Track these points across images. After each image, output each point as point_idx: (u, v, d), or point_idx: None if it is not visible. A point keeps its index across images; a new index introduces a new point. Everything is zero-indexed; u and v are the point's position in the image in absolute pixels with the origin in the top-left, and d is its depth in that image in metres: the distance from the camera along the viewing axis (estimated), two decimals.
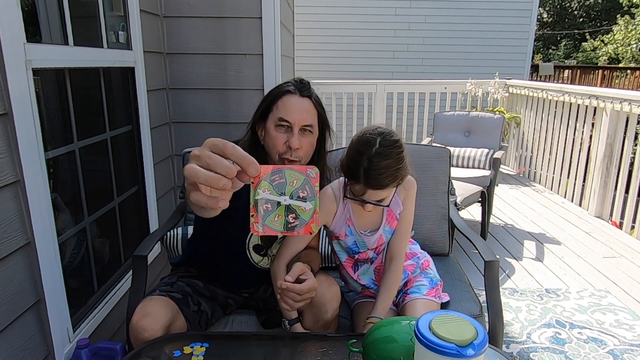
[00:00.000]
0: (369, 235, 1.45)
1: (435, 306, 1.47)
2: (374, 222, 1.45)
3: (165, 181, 2.57)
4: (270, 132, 1.32)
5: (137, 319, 1.21)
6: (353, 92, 5.17)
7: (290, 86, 1.34)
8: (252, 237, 1.43)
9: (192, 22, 2.50)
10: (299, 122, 1.30)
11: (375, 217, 1.44)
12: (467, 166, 3.71)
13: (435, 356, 0.81)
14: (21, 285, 1.34)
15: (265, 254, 1.46)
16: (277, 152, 1.31)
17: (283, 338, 1.26)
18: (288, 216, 0.62)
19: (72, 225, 1.72)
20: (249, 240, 1.43)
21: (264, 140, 1.36)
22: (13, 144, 1.29)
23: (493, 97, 5.30)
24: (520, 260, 3.05)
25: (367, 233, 1.45)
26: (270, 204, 0.61)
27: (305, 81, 1.37)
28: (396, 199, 1.43)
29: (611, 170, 3.80)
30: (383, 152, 1.26)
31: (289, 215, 0.62)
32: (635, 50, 14.54)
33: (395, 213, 1.45)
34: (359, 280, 1.53)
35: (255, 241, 1.44)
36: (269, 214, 0.62)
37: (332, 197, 1.43)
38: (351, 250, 1.49)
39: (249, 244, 1.44)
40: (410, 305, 1.47)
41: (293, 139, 1.29)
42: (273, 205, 0.62)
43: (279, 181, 0.62)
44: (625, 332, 2.22)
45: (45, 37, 1.59)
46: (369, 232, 1.45)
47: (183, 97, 2.60)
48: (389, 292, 1.42)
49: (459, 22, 7.13)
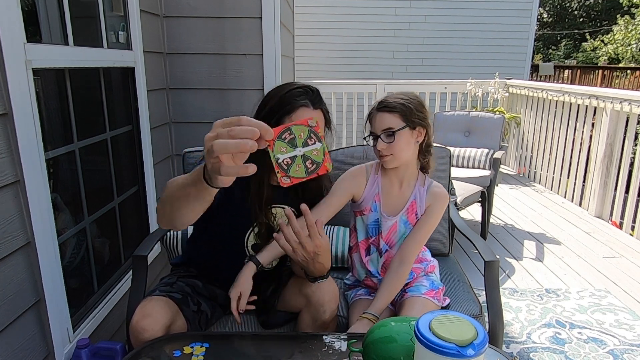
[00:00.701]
0: (388, 218, 1.49)
1: (433, 306, 1.48)
2: (397, 206, 1.50)
3: (165, 181, 2.55)
4: None
5: (137, 319, 1.21)
6: (353, 92, 5.17)
7: (304, 98, 1.31)
8: (250, 236, 1.43)
9: (192, 22, 2.50)
10: None
11: (399, 202, 1.50)
12: (467, 166, 3.71)
13: (435, 356, 0.81)
14: (21, 285, 1.34)
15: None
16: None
17: (283, 338, 1.26)
18: (306, 163, 0.75)
19: (72, 225, 1.72)
20: (247, 239, 1.43)
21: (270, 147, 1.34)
22: (13, 144, 1.29)
23: (493, 97, 5.29)
24: (520, 260, 3.05)
25: (387, 216, 1.50)
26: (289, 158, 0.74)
27: (315, 90, 1.35)
28: (421, 198, 1.48)
29: (611, 170, 3.80)
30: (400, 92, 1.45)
31: (306, 162, 0.75)
32: (635, 50, 14.54)
33: (416, 208, 1.49)
34: (367, 265, 1.55)
35: (254, 240, 1.44)
36: (290, 167, 0.74)
37: (364, 171, 1.52)
38: (370, 229, 1.53)
39: (247, 243, 1.44)
40: (407, 302, 1.48)
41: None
42: (292, 159, 0.75)
43: (289, 138, 0.75)
44: (625, 332, 2.22)
45: (45, 37, 1.59)
46: (389, 216, 1.50)
47: (183, 97, 2.60)
48: (389, 292, 1.43)
49: (459, 22, 7.14)
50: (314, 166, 0.75)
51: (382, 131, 1.40)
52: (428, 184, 1.51)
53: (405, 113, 1.39)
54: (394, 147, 1.39)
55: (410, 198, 1.49)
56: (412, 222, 1.50)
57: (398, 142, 1.39)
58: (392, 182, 1.50)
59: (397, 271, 1.44)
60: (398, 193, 1.49)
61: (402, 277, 1.45)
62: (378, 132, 1.41)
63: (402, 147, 1.40)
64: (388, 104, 1.40)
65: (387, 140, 1.39)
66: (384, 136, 1.39)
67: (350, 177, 1.52)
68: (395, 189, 1.50)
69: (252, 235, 1.43)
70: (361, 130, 6.06)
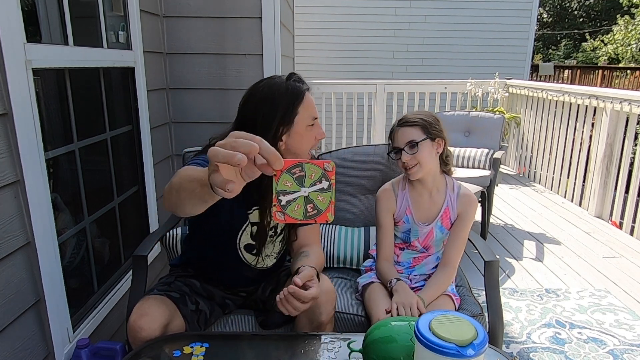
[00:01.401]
0: (423, 225, 1.62)
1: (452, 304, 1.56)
2: (431, 215, 1.61)
3: (165, 181, 2.56)
4: (301, 133, 1.33)
5: (135, 318, 1.21)
6: (353, 92, 5.16)
7: (302, 84, 1.37)
8: (242, 236, 1.42)
9: (192, 22, 2.50)
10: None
11: (432, 210, 1.61)
12: (467, 166, 3.71)
13: (435, 356, 0.81)
14: (21, 285, 1.34)
15: (257, 253, 1.45)
16: (307, 150, 1.36)
17: (283, 338, 1.26)
18: (307, 206, 0.69)
19: (72, 225, 1.72)
20: (240, 239, 1.42)
21: (285, 143, 1.33)
22: (13, 144, 1.29)
23: (493, 97, 5.29)
24: (520, 260, 3.05)
25: (422, 224, 1.62)
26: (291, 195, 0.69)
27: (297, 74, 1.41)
28: (453, 205, 1.60)
29: (611, 170, 3.80)
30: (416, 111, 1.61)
31: (308, 205, 0.69)
32: (635, 50, 14.54)
33: (450, 214, 1.60)
34: (399, 257, 1.68)
35: (247, 240, 1.42)
36: (290, 204, 0.69)
37: (391, 191, 1.65)
38: (403, 237, 1.66)
39: (240, 244, 1.42)
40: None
41: (320, 130, 1.38)
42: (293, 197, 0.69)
43: (299, 174, 0.69)
44: (625, 332, 2.22)
45: (45, 37, 1.59)
46: (424, 224, 1.62)
47: (183, 97, 2.60)
48: (437, 286, 1.55)
49: (459, 22, 7.14)
50: (314, 212, 0.70)
51: (406, 144, 1.52)
52: (457, 189, 1.62)
53: (426, 126, 1.52)
54: (419, 157, 1.51)
55: (444, 205, 1.60)
56: (447, 226, 1.62)
57: (422, 151, 1.52)
58: (421, 194, 1.62)
59: (444, 271, 1.58)
60: (429, 202, 1.61)
61: (447, 277, 1.57)
62: (402, 145, 1.53)
63: (426, 157, 1.52)
64: (408, 120, 1.54)
65: (411, 151, 1.51)
66: (407, 148, 1.52)
67: (385, 201, 1.64)
68: (425, 199, 1.61)
69: (244, 235, 1.42)
70: (361, 130, 6.01)
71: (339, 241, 1.94)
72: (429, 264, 1.66)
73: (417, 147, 1.51)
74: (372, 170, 1.98)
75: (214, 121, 2.61)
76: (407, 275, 1.67)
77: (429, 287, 1.55)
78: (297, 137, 1.33)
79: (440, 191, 1.61)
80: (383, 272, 1.60)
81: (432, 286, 1.55)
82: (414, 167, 1.53)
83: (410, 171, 1.54)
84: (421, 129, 1.52)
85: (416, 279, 1.67)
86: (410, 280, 1.67)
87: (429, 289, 1.54)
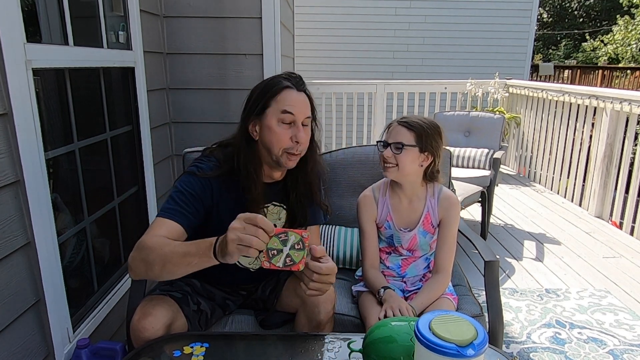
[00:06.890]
0: (405, 232, 1.61)
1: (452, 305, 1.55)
2: (411, 221, 1.61)
3: (165, 181, 2.57)
4: (272, 128, 1.30)
5: (138, 318, 1.21)
6: (353, 92, 5.16)
7: (286, 81, 1.33)
8: None
9: (192, 22, 2.50)
10: (302, 116, 1.31)
11: (412, 217, 1.60)
12: (467, 166, 3.71)
13: (435, 356, 0.81)
14: (21, 285, 1.34)
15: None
16: (281, 148, 1.30)
17: (283, 338, 1.26)
18: (286, 259, 0.99)
19: (72, 225, 1.72)
20: None
21: (259, 137, 1.34)
22: (13, 144, 1.29)
23: (493, 97, 5.29)
24: (520, 260, 3.05)
25: (404, 230, 1.61)
26: (276, 251, 0.99)
27: (297, 75, 1.37)
28: (434, 210, 1.59)
29: (611, 170, 3.80)
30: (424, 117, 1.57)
31: (287, 258, 0.99)
32: (635, 50, 14.54)
33: (431, 219, 1.59)
34: (386, 261, 1.67)
35: None
36: (274, 256, 0.99)
37: (371, 197, 1.64)
38: (388, 241, 1.66)
39: None
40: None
41: (300, 133, 1.30)
42: (278, 252, 0.99)
43: (283, 238, 0.99)
44: (625, 332, 2.22)
45: (45, 37, 1.59)
46: (406, 229, 1.61)
47: (183, 97, 2.60)
48: (430, 293, 1.52)
49: (459, 22, 7.13)
50: (291, 263, 0.99)
51: (394, 142, 1.50)
52: (437, 193, 1.59)
53: (421, 135, 1.50)
54: (400, 159, 1.50)
55: (424, 211, 1.59)
56: (430, 230, 1.61)
57: (405, 156, 1.49)
58: (400, 200, 1.61)
59: (436, 279, 1.55)
60: (409, 208, 1.60)
61: (441, 283, 1.54)
62: (390, 141, 1.52)
63: (407, 163, 1.50)
64: (408, 121, 1.52)
65: (395, 151, 1.50)
66: (393, 146, 1.51)
67: (366, 207, 1.63)
68: (405, 205, 1.61)
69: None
70: (361, 130, 6.00)
71: (338, 241, 1.95)
72: (420, 265, 1.65)
73: (402, 150, 1.49)
74: (372, 170, 1.98)
75: (214, 121, 2.61)
76: (400, 279, 1.66)
77: (422, 294, 1.51)
78: (268, 130, 1.31)
79: (420, 198, 1.59)
80: (370, 281, 1.57)
81: (424, 293, 1.51)
82: (391, 167, 1.51)
83: (386, 169, 1.53)
84: (415, 136, 1.49)
85: (411, 281, 1.65)
86: (405, 283, 1.65)
87: (422, 297, 1.50)
